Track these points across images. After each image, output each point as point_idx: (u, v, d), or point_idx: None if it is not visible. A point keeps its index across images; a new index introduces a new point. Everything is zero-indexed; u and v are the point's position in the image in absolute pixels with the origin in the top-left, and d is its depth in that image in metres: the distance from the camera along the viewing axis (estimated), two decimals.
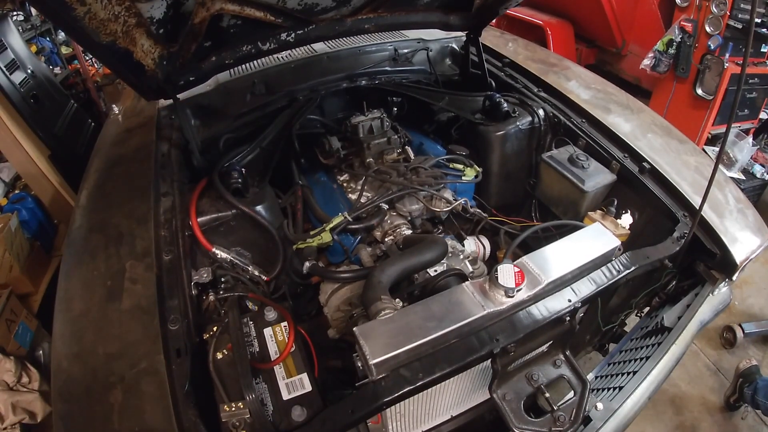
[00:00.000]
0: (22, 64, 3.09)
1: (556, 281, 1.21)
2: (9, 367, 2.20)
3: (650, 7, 4.13)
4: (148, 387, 1.05)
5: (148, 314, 1.18)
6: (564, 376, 1.21)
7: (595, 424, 1.18)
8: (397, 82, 2.27)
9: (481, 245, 1.85)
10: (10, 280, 2.53)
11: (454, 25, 2.10)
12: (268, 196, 1.69)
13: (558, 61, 2.40)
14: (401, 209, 1.82)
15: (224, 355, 1.16)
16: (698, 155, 1.79)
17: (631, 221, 1.69)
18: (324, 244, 1.68)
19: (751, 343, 2.72)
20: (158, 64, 1.53)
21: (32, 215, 2.93)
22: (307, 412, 1.08)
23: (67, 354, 1.13)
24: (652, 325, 1.51)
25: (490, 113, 2.10)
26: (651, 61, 3.84)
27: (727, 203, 1.61)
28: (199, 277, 1.39)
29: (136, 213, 1.47)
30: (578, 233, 1.35)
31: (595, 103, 2.01)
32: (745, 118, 3.77)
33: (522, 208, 2.20)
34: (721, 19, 3.38)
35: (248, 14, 1.57)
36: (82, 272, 1.32)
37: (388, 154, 1.97)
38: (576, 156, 1.81)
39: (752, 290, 3.05)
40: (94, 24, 1.23)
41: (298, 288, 1.78)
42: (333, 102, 2.30)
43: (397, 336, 1.06)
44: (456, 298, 1.17)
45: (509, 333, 1.12)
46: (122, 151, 1.84)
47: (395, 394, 1.03)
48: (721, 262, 1.49)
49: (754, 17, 1.59)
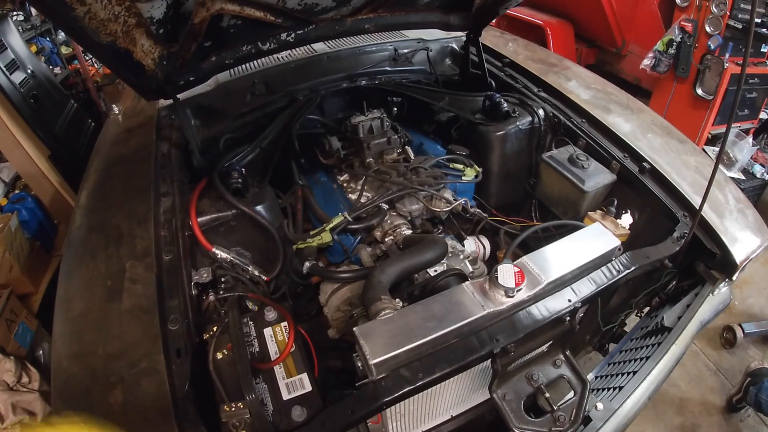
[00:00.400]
0: (22, 64, 3.09)
1: (556, 281, 1.21)
2: (9, 367, 2.20)
3: (650, 7, 4.12)
4: (148, 387, 1.05)
5: (148, 314, 1.18)
6: (564, 376, 1.21)
7: (595, 424, 1.18)
8: (397, 82, 2.27)
9: (481, 245, 1.85)
10: (10, 280, 2.53)
11: (454, 25, 2.10)
12: (268, 196, 1.69)
13: (558, 61, 2.40)
14: (401, 209, 1.81)
15: (224, 355, 1.16)
16: (698, 155, 1.79)
17: (631, 221, 1.69)
18: (324, 244, 1.68)
19: (751, 343, 2.72)
20: (158, 64, 1.53)
21: (32, 215, 2.93)
22: (307, 412, 1.08)
23: (67, 354, 1.13)
24: (652, 325, 1.51)
25: (490, 113, 2.10)
26: (651, 61, 3.84)
27: (727, 203, 1.61)
28: (199, 277, 1.39)
29: (136, 213, 1.47)
30: (578, 233, 1.35)
31: (595, 103, 2.01)
32: (745, 118, 3.77)
33: (522, 208, 2.20)
34: (721, 19, 3.38)
35: (248, 14, 1.57)
36: (82, 272, 1.32)
37: (388, 154, 1.97)
38: (576, 156, 1.81)
39: (752, 290, 3.05)
40: (94, 24, 1.23)
41: (298, 288, 1.78)
42: (333, 102, 2.30)
43: (397, 336, 1.06)
44: (456, 298, 1.17)
45: (509, 333, 1.12)
46: (122, 151, 1.84)
47: (395, 394, 1.03)
48: (721, 262, 1.49)
49: (754, 17, 1.59)
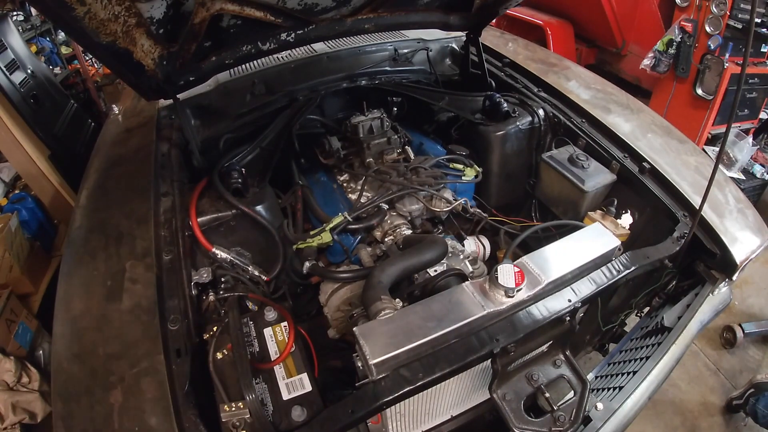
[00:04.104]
0: (22, 64, 3.09)
1: (556, 281, 1.21)
2: (9, 367, 2.20)
3: (650, 7, 4.13)
4: (148, 387, 1.05)
5: (148, 314, 1.18)
6: (564, 376, 1.21)
7: (595, 424, 1.18)
8: (397, 82, 2.27)
9: (481, 245, 1.85)
10: (10, 280, 2.53)
11: (454, 25, 2.10)
12: (268, 196, 1.69)
13: (558, 61, 2.40)
14: (401, 209, 1.81)
15: (224, 355, 1.16)
16: (698, 155, 1.79)
17: (631, 221, 1.69)
18: (324, 244, 1.68)
19: (751, 343, 2.72)
20: (158, 64, 1.53)
21: (32, 215, 2.93)
22: (307, 412, 1.08)
23: (67, 354, 1.13)
24: (652, 325, 1.51)
25: (490, 113, 2.10)
26: (651, 61, 3.84)
27: (727, 203, 1.61)
28: (199, 277, 1.39)
29: (136, 213, 1.47)
30: (578, 233, 1.36)
31: (595, 103, 2.01)
32: (745, 118, 3.77)
33: (522, 208, 2.20)
34: (721, 19, 3.38)
35: (248, 14, 1.57)
36: (82, 272, 1.32)
37: (388, 154, 1.97)
38: (576, 156, 1.81)
39: (752, 290, 3.05)
40: (94, 24, 1.23)
41: (298, 288, 1.78)
42: (333, 102, 2.30)
43: (397, 336, 1.06)
44: (456, 298, 1.17)
45: (509, 333, 1.12)
46: (122, 151, 1.84)
47: (395, 394, 1.03)
48: (721, 262, 1.49)
49: (754, 17, 1.59)
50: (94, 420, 1.02)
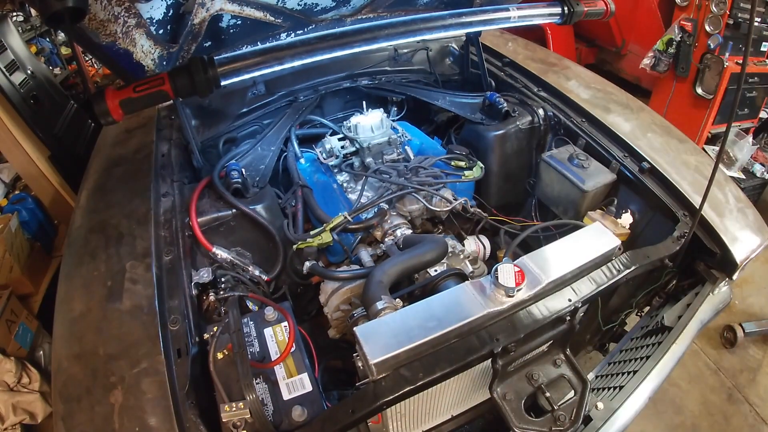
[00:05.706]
0: (21, 65, 3.08)
1: (557, 281, 1.21)
2: (9, 368, 2.20)
3: (650, 7, 4.12)
4: (148, 387, 1.05)
5: (148, 314, 1.18)
6: (564, 375, 1.21)
7: (595, 424, 1.18)
8: (397, 81, 2.27)
9: (481, 245, 1.85)
10: (10, 281, 2.52)
11: None
12: (268, 196, 1.69)
13: (558, 60, 2.40)
14: (401, 209, 1.82)
15: (224, 355, 1.16)
16: (698, 154, 1.79)
17: (631, 221, 1.69)
18: (324, 244, 1.68)
19: (752, 342, 2.72)
20: (158, 65, 1.53)
21: (32, 216, 2.92)
22: (308, 412, 1.09)
23: (68, 354, 1.13)
24: (653, 324, 1.51)
25: (489, 113, 2.10)
26: (651, 60, 3.83)
27: (727, 202, 1.61)
28: (199, 277, 1.39)
29: (136, 213, 1.47)
30: (578, 233, 1.35)
31: (595, 103, 2.01)
32: (745, 117, 3.76)
33: (522, 208, 2.20)
34: (721, 18, 3.38)
35: (248, 14, 1.57)
36: (82, 273, 1.32)
37: (388, 154, 1.98)
38: (576, 155, 1.81)
39: (753, 289, 3.04)
40: (94, 25, 1.23)
41: (298, 288, 1.78)
42: (333, 102, 2.30)
43: (397, 336, 1.06)
44: (456, 297, 1.17)
45: (509, 333, 1.12)
46: (122, 151, 1.83)
47: (395, 394, 1.03)
48: (721, 262, 1.49)
49: (753, 17, 1.59)
50: (95, 420, 1.02)
